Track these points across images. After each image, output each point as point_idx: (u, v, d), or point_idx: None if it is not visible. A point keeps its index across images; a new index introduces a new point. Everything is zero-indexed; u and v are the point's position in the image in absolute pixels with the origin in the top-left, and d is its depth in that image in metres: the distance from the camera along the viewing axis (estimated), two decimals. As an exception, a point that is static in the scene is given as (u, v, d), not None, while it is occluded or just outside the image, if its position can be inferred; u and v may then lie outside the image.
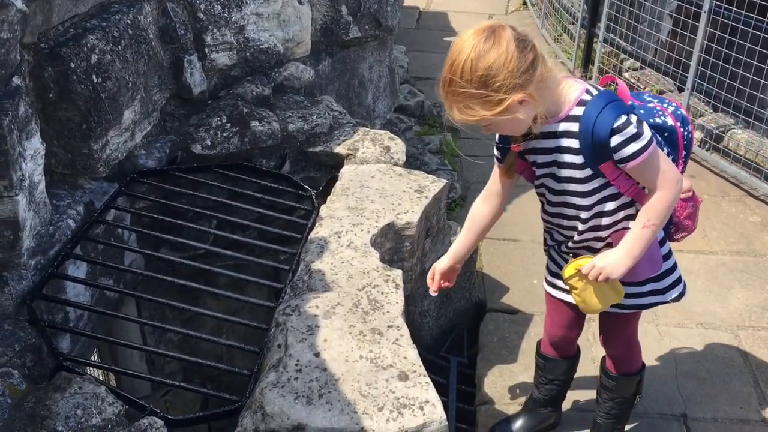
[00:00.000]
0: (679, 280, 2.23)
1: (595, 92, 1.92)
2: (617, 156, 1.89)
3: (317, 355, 1.88)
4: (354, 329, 1.98)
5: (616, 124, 1.85)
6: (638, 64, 5.56)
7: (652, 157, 1.90)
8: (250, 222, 2.69)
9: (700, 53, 4.56)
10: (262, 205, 2.77)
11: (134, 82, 2.50)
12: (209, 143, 2.78)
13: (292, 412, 1.72)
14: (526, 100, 1.81)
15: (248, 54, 3.11)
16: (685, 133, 2.15)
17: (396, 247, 2.56)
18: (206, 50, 2.93)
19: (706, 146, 4.70)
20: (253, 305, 2.33)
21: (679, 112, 2.15)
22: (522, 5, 8.01)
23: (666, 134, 2.10)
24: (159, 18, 2.74)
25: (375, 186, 2.71)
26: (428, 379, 1.84)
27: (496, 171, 2.20)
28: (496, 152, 2.16)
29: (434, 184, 2.77)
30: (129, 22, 2.50)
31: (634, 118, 1.89)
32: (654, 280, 2.19)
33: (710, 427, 2.72)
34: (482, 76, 1.76)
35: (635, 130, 1.86)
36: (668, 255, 2.20)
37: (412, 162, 4.44)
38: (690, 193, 2.22)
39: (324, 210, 2.56)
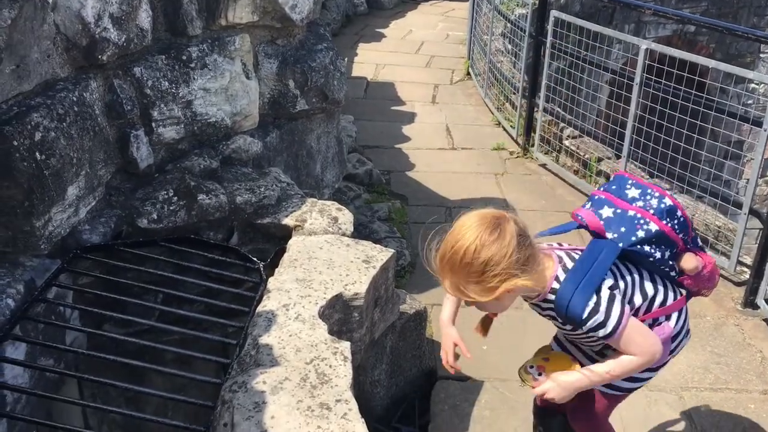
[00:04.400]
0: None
1: (568, 266, 2.06)
2: (593, 335, 2.04)
3: (264, 433, 1.86)
4: (302, 405, 1.96)
5: (584, 315, 1.99)
6: (577, 132, 5.79)
7: (624, 336, 2.01)
8: (196, 296, 2.66)
9: (634, 123, 4.78)
10: (209, 278, 2.75)
11: (79, 158, 2.49)
12: (155, 217, 2.77)
13: (238, 494, 1.68)
14: (513, 290, 1.95)
15: (196, 128, 3.14)
16: (675, 223, 2.15)
17: (345, 318, 2.56)
18: (153, 125, 2.95)
19: (645, 210, 4.87)
20: (198, 382, 2.29)
21: (662, 206, 2.14)
22: (466, 75, 8.29)
23: (654, 240, 2.13)
24: (105, 94, 2.76)
25: (323, 257, 2.72)
26: (377, 454, 1.83)
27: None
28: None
29: (382, 254, 2.80)
30: (74, 99, 2.51)
31: (604, 298, 2.00)
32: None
33: (659, 491, 2.75)
34: (482, 264, 1.88)
35: (602, 318, 1.99)
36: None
37: (362, 230, 4.48)
38: (698, 268, 2.22)
39: (272, 282, 2.56)
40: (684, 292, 2.30)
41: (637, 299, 2.16)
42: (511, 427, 3.07)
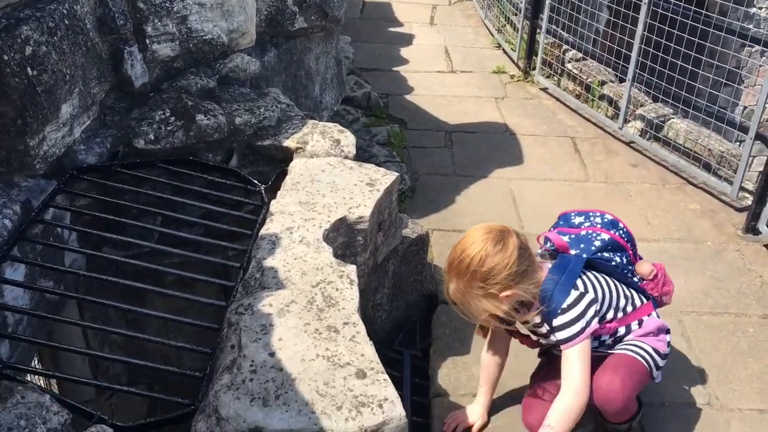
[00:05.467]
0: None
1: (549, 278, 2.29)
2: (554, 336, 2.28)
3: (272, 354, 1.84)
4: (309, 327, 1.94)
5: (564, 305, 2.23)
6: (580, 55, 5.65)
7: (571, 351, 2.23)
8: (196, 218, 2.61)
9: (640, 44, 4.65)
10: (209, 200, 2.69)
11: (72, 74, 2.39)
12: (152, 137, 2.69)
13: (248, 415, 1.67)
14: (511, 295, 2.17)
15: (191, 45, 3.01)
16: (621, 233, 2.52)
17: (349, 241, 2.52)
18: (147, 41, 2.83)
19: (647, 136, 4.81)
20: (200, 305, 2.26)
21: (606, 220, 2.53)
22: (465, -4, 8.05)
23: (609, 247, 2.46)
24: (97, 8, 2.62)
25: (326, 180, 2.66)
26: (386, 376, 1.82)
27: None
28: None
29: (385, 177, 2.74)
30: (65, 11, 2.38)
31: (583, 303, 2.24)
32: None
33: (659, 412, 2.79)
34: (485, 272, 2.13)
35: (571, 317, 2.22)
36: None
37: (361, 154, 4.40)
38: (654, 270, 2.54)
39: (274, 205, 2.50)
40: (649, 298, 2.54)
41: (610, 314, 2.38)
42: (512, 352, 3.08)
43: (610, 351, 2.47)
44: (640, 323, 2.46)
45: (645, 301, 2.51)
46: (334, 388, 1.76)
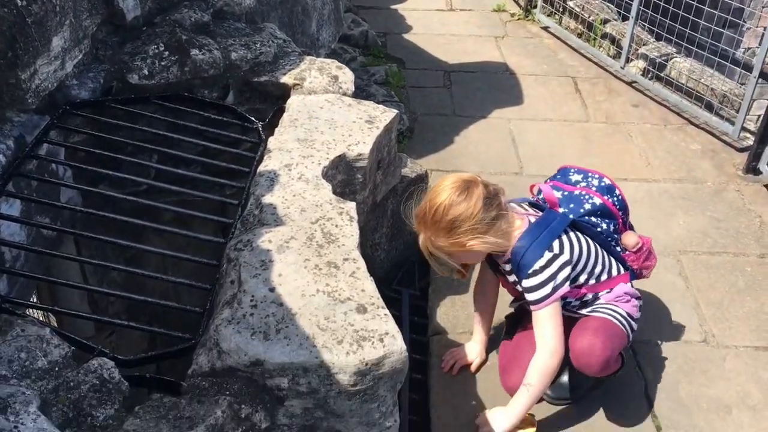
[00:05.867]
0: None
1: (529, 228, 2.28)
2: (526, 295, 2.27)
3: (272, 290, 1.83)
4: (309, 263, 1.93)
5: (534, 267, 2.21)
6: (583, -9, 5.52)
7: (542, 312, 2.23)
8: (193, 155, 2.57)
9: (645, -20, 4.54)
10: (205, 137, 2.65)
11: (62, 6, 2.31)
12: (147, 73, 2.63)
13: (249, 348, 1.67)
14: (477, 245, 2.17)
15: (184, -23, 2.92)
16: (615, 200, 2.48)
17: (348, 179, 2.49)
18: (139, -28, 2.74)
19: (649, 75, 4.74)
20: (198, 242, 2.24)
21: (602, 184, 2.47)
22: (465, -69, 7.80)
23: (599, 212, 2.43)
24: (85, -65, 2.53)
25: (324, 117, 2.62)
26: (387, 311, 1.82)
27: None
28: None
29: (385, 115, 2.70)
30: (53, -62, 2.29)
31: (555, 265, 2.21)
32: None
33: (654, 350, 2.81)
34: (450, 222, 2.14)
35: (541, 280, 2.21)
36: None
37: (359, 93, 4.33)
38: (639, 243, 2.49)
39: (272, 142, 2.46)
40: (627, 269, 2.49)
41: (582, 277, 2.35)
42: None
43: (580, 311, 2.46)
44: (610, 291, 2.44)
45: (622, 271, 2.47)
46: (334, 323, 1.75)
